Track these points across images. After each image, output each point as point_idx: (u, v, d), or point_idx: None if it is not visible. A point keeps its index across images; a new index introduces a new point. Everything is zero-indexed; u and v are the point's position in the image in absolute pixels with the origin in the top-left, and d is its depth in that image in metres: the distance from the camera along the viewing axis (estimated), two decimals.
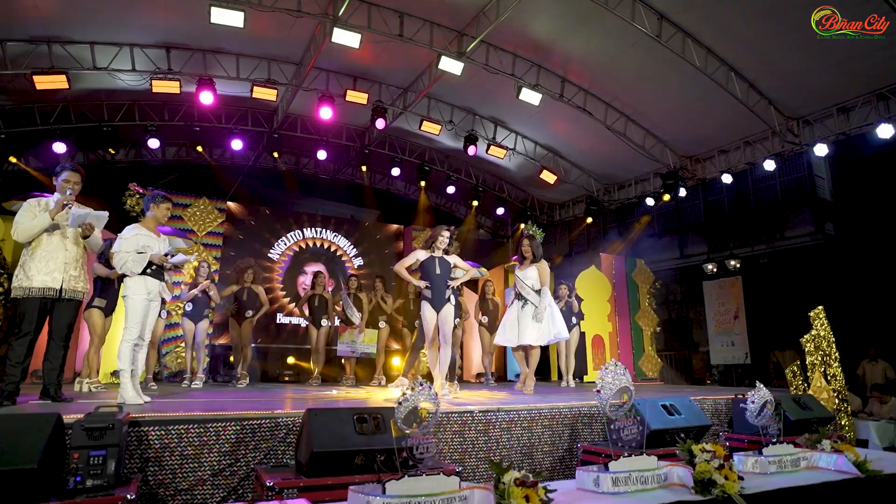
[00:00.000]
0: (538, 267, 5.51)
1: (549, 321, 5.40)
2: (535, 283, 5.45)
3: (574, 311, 8.11)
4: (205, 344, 6.91)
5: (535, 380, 5.61)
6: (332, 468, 2.78)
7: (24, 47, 7.03)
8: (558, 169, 10.97)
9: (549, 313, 5.43)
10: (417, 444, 2.23)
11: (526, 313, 5.35)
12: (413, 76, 9.00)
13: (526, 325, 5.33)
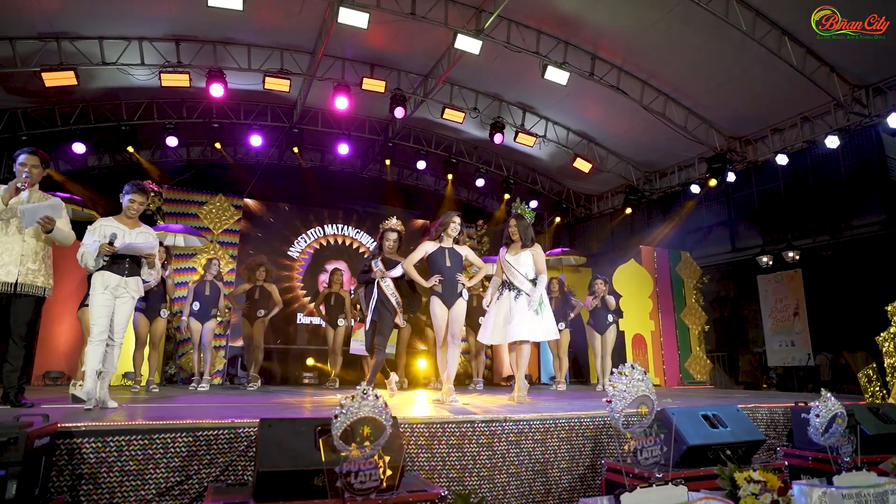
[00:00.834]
0: (533, 252, 4.79)
1: (545, 317, 4.76)
2: (529, 270, 4.74)
3: (611, 307, 7.40)
4: (212, 345, 6.61)
5: (527, 384, 4.91)
6: (284, 491, 2.31)
7: (33, 45, 6.96)
8: (593, 156, 10.24)
9: (546, 307, 4.79)
10: (358, 470, 1.71)
11: (520, 305, 4.71)
12: (432, 61, 8.51)
13: (522, 319, 4.61)
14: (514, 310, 4.60)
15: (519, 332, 4.55)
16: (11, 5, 6.35)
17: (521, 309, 4.60)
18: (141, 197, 3.79)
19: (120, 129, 8.53)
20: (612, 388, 2.12)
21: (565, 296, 7.70)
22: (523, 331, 4.56)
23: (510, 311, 4.63)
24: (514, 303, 4.63)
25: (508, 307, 4.64)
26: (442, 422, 3.26)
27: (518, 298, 4.64)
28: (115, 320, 3.62)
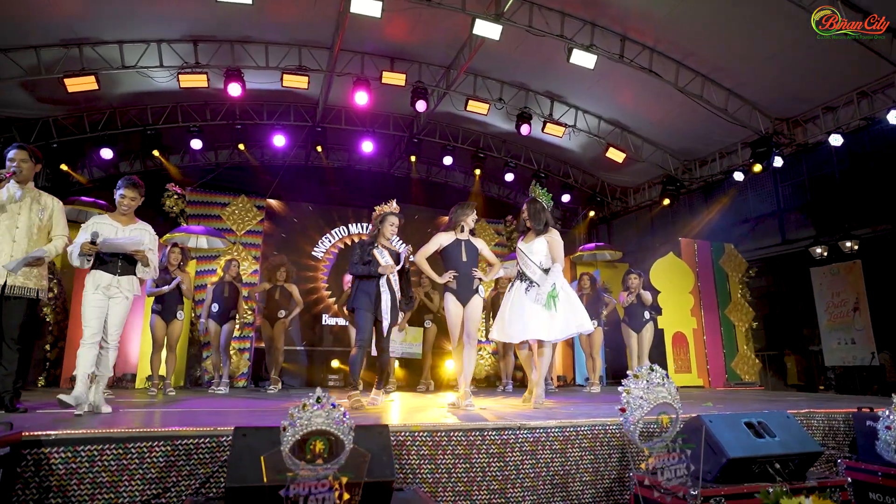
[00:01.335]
0: (548, 238, 4.35)
1: (566, 309, 4.34)
2: (543, 259, 4.33)
3: (647, 304, 6.93)
4: (230, 347, 6.51)
5: (544, 388, 4.48)
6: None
7: (57, 52, 7.04)
8: (627, 146, 9.71)
9: (565, 298, 4.38)
10: (309, 493, 1.43)
11: (531, 299, 4.32)
12: (454, 51, 8.21)
13: (534, 316, 4.19)
14: (525, 304, 4.24)
15: (528, 330, 4.18)
16: (34, 13, 6.41)
17: (534, 305, 4.23)
18: (132, 192, 3.64)
19: (145, 133, 8.58)
20: (627, 393, 1.77)
21: (597, 292, 7.27)
22: (532, 329, 4.18)
23: (521, 305, 4.27)
24: (526, 296, 4.26)
25: (521, 301, 4.29)
26: (447, 430, 2.96)
27: (529, 291, 4.27)
28: (109, 321, 3.47)
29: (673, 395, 1.84)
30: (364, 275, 4.38)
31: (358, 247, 4.50)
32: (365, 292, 4.34)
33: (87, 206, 7.14)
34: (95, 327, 3.39)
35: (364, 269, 4.39)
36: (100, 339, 3.43)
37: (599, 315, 7.25)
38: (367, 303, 4.33)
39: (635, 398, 1.80)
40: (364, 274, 4.39)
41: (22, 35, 6.73)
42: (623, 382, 1.88)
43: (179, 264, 5.98)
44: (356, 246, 4.54)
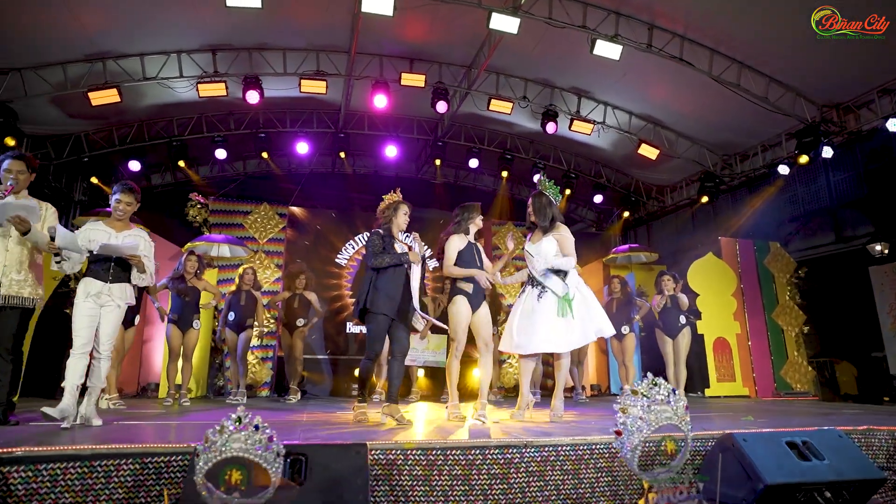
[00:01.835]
0: (556, 236, 4.03)
1: (583, 315, 3.94)
2: (552, 257, 4.01)
3: (684, 307, 6.47)
4: (247, 356, 6.41)
5: (563, 400, 4.12)
6: None
7: (82, 68, 7.18)
8: (660, 142, 9.22)
9: (581, 302, 3.98)
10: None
11: (545, 305, 3.96)
12: (474, 49, 7.97)
13: (546, 323, 3.86)
14: (538, 312, 3.92)
15: (541, 341, 3.85)
16: (58, 29, 6.54)
17: (544, 311, 3.90)
18: (128, 197, 3.54)
19: (171, 144, 8.69)
20: (623, 413, 1.47)
21: (628, 296, 6.86)
22: (545, 340, 3.85)
23: (532, 313, 3.95)
24: (538, 303, 3.94)
25: (531, 308, 3.97)
26: (444, 447, 2.69)
27: (542, 298, 3.95)
28: (101, 331, 3.36)
29: (680, 414, 1.53)
30: (392, 264, 3.81)
31: (376, 236, 3.93)
32: (385, 293, 3.76)
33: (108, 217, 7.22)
34: (85, 337, 3.28)
35: (393, 259, 3.81)
36: (90, 350, 3.32)
37: (631, 320, 6.84)
38: (388, 305, 3.75)
39: (633, 419, 1.49)
40: (393, 264, 3.81)
41: (49, 52, 6.88)
42: (618, 399, 1.58)
43: (196, 272, 5.93)
44: (373, 236, 3.95)
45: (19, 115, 7.64)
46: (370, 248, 3.90)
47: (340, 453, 2.19)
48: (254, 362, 7.73)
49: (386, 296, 3.77)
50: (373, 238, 3.95)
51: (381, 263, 3.81)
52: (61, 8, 6.13)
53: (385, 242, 3.92)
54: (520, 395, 4.23)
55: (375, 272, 3.83)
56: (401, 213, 4.08)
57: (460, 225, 4.18)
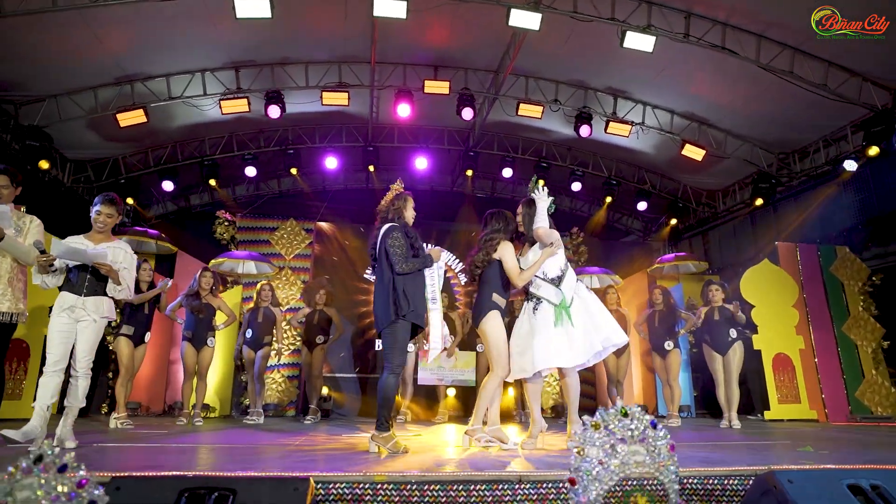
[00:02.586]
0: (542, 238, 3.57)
1: (585, 322, 3.47)
2: (550, 268, 3.56)
3: (741, 321, 5.81)
4: (264, 373, 6.23)
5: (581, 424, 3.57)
6: None
7: (111, 91, 7.35)
8: (707, 141, 8.54)
9: (581, 308, 3.51)
10: None
11: (541, 319, 3.48)
12: (500, 52, 7.64)
13: (543, 337, 3.42)
14: (535, 328, 3.48)
15: (541, 358, 3.39)
16: (87, 54, 6.70)
17: (541, 325, 3.46)
18: (108, 208, 3.39)
19: (203, 164, 8.79)
20: (578, 455, 1.06)
21: (672, 307, 6.25)
22: (545, 357, 3.39)
23: (529, 329, 3.52)
24: (534, 318, 3.50)
25: (528, 326, 3.53)
26: (420, 482, 2.30)
27: (538, 311, 3.51)
28: (78, 347, 3.19)
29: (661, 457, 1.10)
30: (422, 268, 3.39)
31: (398, 232, 3.39)
32: (414, 298, 3.31)
33: (137, 236, 7.31)
34: (58, 354, 3.13)
35: (424, 262, 3.37)
36: (64, 367, 3.16)
37: (676, 334, 6.21)
38: (417, 312, 3.34)
39: (591, 463, 1.08)
40: (423, 267, 3.39)
41: (80, 78, 7.09)
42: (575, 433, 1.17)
43: (212, 289, 5.82)
44: (394, 231, 3.39)
45: (61, 141, 7.94)
46: (395, 248, 3.34)
47: (275, 489, 1.85)
48: (280, 381, 7.58)
49: (415, 301, 3.33)
50: (395, 235, 3.38)
51: (411, 268, 3.33)
52: (86, 33, 6.27)
53: (410, 239, 3.45)
54: (531, 421, 3.76)
55: (401, 275, 3.33)
56: (410, 206, 3.67)
57: (504, 231, 3.74)
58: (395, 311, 3.26)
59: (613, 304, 6.51)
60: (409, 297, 3.29)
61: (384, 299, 3.31)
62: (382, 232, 3.41)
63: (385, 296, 3.31)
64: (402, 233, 3.40)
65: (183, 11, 6.25)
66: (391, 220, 3.51)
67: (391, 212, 3.57)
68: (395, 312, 3.26)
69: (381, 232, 3.43)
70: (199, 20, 6.47)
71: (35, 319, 6.07)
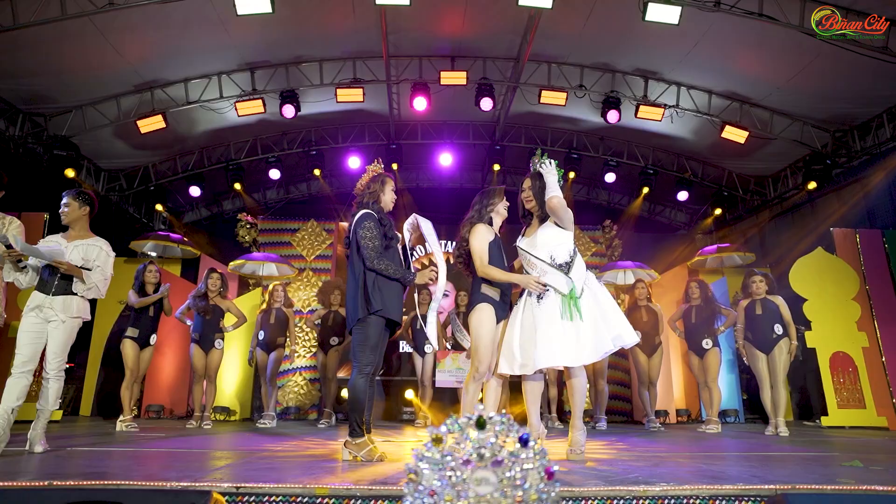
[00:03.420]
0: (555, 220, 3.18)
1: (595, 317, 3.05)
2: (556, 251, 3.13)
3: (778, 315, 5.21)
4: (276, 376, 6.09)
5: (584, 432, 3.18)
6: None
7: (133, 99, 7.48)
8: (750, 122, 7.86)
9: (591, 302, 3.09)
10: None
11: (546, 309, 3.07)
12: (519, 39, 7.28)
13: (549, 331, 2.99)
14: (538, 320, 3.08)
15: (545, 355, 3.00)
16: (107, 64, 6.82)
17: (546, 316, 3.07)
18: (74, 202, 3.31)
19: (228, 168, 8.85)
20: (411, 481, 0.74)
21: (709, 303, 5.70)
22: (549, 353, 3.00)
23: (532, 322, 3.13)
24: (538, 308, 3.11)
25: (531, 317, 3.14)
26: (366, 496, 2.02)
27: (543, 301, 3.12)
28: (48, 348, 3.10)
29: (527, 487, 0.76)
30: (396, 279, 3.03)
31: (370, 221, 3.03)
32: (390, 293, 3.02)
33: (160, 240, 7.39)
34: (27, 354, 3.04)
35: (396, 272, 3.01)
36: (33, 368, 3.07)
37: (715, 332, 5.65)
38: (394, 307, 3.04)
39: (421, 494, 0.76)
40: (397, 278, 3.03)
41: (102, 87, 7.23)
42: (413, 452, 0.85)
43: (220, 291, 5.74)
44: (366, 220, 3.03)
45: (93, 152, 8.19)
46: (367, 239, 2.99)
47: (169, 502, 1.60)
48: (301, 384, 7.47)
49: (389, 296, 3.02)
50: (367, 224, 3.01)
51: (383, 270, 2.99)
52: (102, 44, 6.36)
53: (385, 228, 3.10)
54: (529, 426, 3.37)
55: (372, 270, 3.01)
56: (388, 189, 3.29)
57: (481, 214, 3.41)
58: (366, 306, 2.98)
59: (643, 299, 6.00)
60: (381, 291, 3.00)
61: (354, 293, 3.04)
62: (356, 219, 3.12)
63: (355, 289, 3.03)
64: (376, 221, 3.09)
65: (193, 16, 6.26)
66: (366, 206, 3.21)
67: (367, 195, 3.24)
68: (365, 308, 2.98)
69: (354, 219, 3.14)
70: (210, 23, 6.44)
71: None
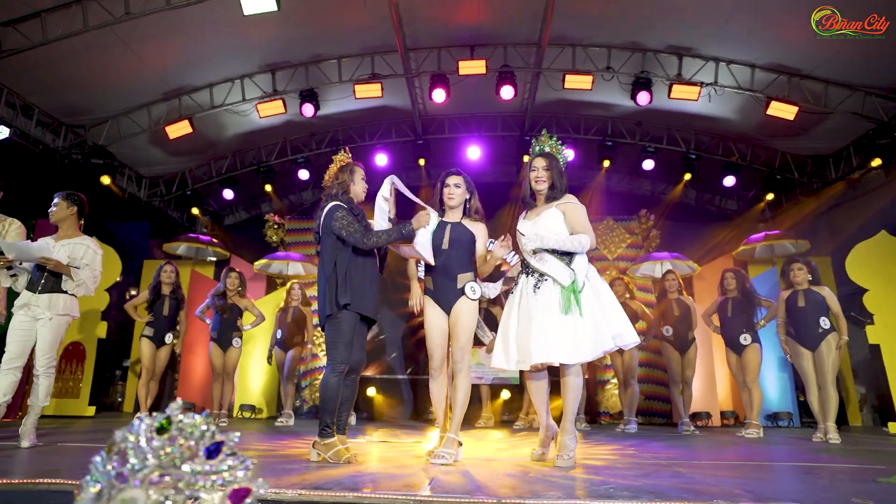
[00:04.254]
0: (563, 208, 2.97)
1: (596, 314, 2.79)
2: (560, 238, 2.90)
3: (824, 307, 4.69)
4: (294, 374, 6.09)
5: (576, 437, 2.91)
6: None
7: (162, 107, 7.72)
8: (802, 96, 7.18)
9: (592, 297, 2.84)
10: None
11: (544, 299, 2.81)
12: (539, 22, 6.97)
13: (545, 323, 2.76)
14: (534, 311, 2.85)
15: (541, 349, 2.76)
16: (134, 74, 7.06)
17: (543, 306, 2.83)
18: (63, 202, 3.38)
19: (259, 170, 9.01)
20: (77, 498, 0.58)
21: (748, 295, 5.23)
22: (546, 346, 2.76)
23: (529, 312, 2.89)
24: (534, 298, 2.87)
25: (527, 307, 2.90)
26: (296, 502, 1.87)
27: (539, 290, 2.87)
28: (38, 346, 3.17)
29: None
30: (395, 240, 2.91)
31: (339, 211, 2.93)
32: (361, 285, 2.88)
33: (190, 241, 7.60)
34: (14, 351, 3.11)
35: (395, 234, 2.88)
36: (20, 365, 3.13)
37: (754, 326, 5.16)
38: (368, 301, 2.92)
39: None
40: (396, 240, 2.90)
41: (133, 96, 7.51)
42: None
43: (238, 290, 5.80)
44: (335, 211, 2.92)
45: (134, 160, 8.55)
46: (344, 226, 2.86)
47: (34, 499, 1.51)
48: None
49: (361, 289, 2.88)
50: (339, 214, 2.89)
51: (381, 240, 2.85)
52: (127, 54, 6.58)
53: (357, 217, 2.98)
54: (542, 427, 3.16)
55: (351, 257, 2.88)
56: (358, 178, 3.17)
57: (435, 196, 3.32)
58: (336, 301, 2.84)
59: (673, 291, 5.58)
60: (352, 285, 2.85)
61: (324, 289, 2.91)
62: (325, 213, 2.99)
63: (325, 285, 2.90)
64: (346, 210, 2.97)
65: (208, 20, 6.35)
66: (336, 197, 3.06)
67: (335, 187, 3.11)
68: (335, 303, 2.85)
69: (323, 212, 3.02)
70: (226, 26, 6.52)
71: (89, 323, 6.47)
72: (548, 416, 3.15)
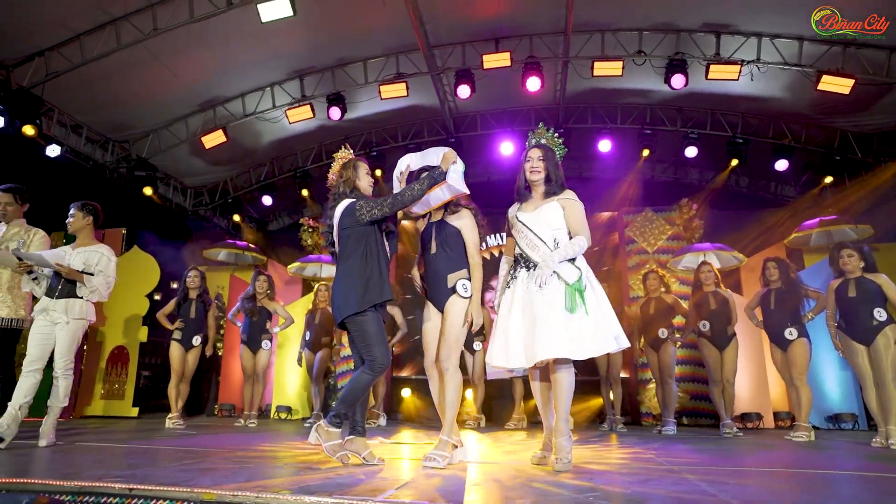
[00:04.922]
0: (563, 203, 2.85)
1: (596, 313, 2.66)
2: (559, 234, 2.78)
3: (879, 296, 4.25)
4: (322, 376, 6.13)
5: (570, 438, 2.73)
6: None
7: (198, 118, 8.02)
8: (859, 67, 6.58)
9: (592, 298, 2.70)
10: None
11: (547, 298, 2.66)
12: (563, 8, 6.73)
13: (549, 319, 2.61)
14: (536, 305, 2.70)
15: (545, 345, 2.61)
16: (170, 88, 7.38)
17: (546, 306, 2.68)
18: (79, 212, 3.53)
19: (295, 176, 9.20)
20: None
21: (793, 286, 4.83)
22: (546, 343, 2.61)
23: (526, 306, 2.75)
24: (539, 293, 2.72)
25: (529, 302, 2.75)
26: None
27: (545, 289, 2.73)
28: (56, 349, 3.33)
29: None
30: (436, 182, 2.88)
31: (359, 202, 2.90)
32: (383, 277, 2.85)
33: (227, 247, 7.84)
34: (35, 354, 3.27)
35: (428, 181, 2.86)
36: (40, 367, 3.28)
37: (800, 319, 4.76)
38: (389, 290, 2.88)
39: None
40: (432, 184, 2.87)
41: (171, 110, 7.84)
42: None
43: (267, 293, 5.91)
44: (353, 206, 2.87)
45: (178, 171, 8.95)
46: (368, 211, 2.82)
47: None
48: None
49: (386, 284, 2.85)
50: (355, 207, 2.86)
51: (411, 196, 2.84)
52: (160, 68, 6.86)
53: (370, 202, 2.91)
54: (545, 429, 3.01)
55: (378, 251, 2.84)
56: (362, 173, 3.12)
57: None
58: (364, 298, 2.75)
59: (709, 283, 5.23)
60: (383, 279, 2.82)
61: (346, 284, 2.80)
62: (340, 212, 2.92)
63: (351, 280, 2.78)
64: (365, 200, 2.96)
65: (235, 32, 6.53)
66: (345, 195, 3.00)
67: (342, 185, 3.05)
68: (363, 301, 2.74)
69: (336, 212, 2.95)
70: (251, 37, 6.68)
71: (131, 328, 6.79)
72: (551, 417, 2.98)
